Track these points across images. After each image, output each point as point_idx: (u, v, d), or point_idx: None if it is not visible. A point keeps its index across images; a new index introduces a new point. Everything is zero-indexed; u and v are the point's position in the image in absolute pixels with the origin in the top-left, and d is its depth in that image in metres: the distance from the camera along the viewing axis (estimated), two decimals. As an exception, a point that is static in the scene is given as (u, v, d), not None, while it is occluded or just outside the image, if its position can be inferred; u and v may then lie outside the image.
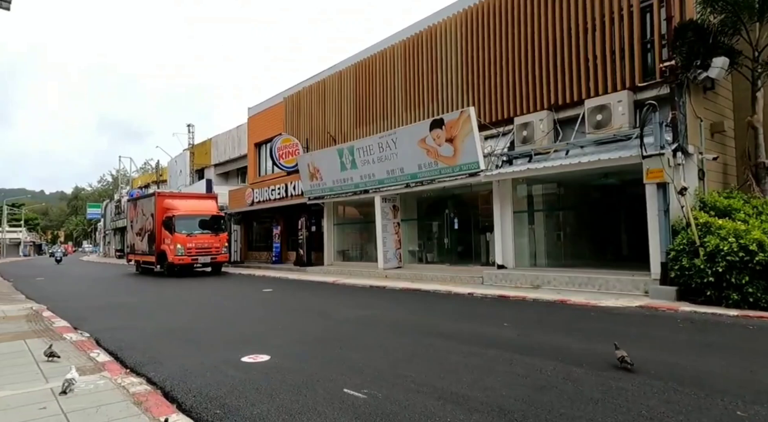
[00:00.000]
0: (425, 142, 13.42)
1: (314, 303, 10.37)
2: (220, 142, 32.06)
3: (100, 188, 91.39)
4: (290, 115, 22.38)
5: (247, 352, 5.54)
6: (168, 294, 12.79)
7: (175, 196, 21.16)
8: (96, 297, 12.68)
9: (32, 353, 5.59)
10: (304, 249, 19.79)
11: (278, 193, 21.43)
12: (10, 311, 9.42)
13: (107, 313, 9.34)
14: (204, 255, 19.24)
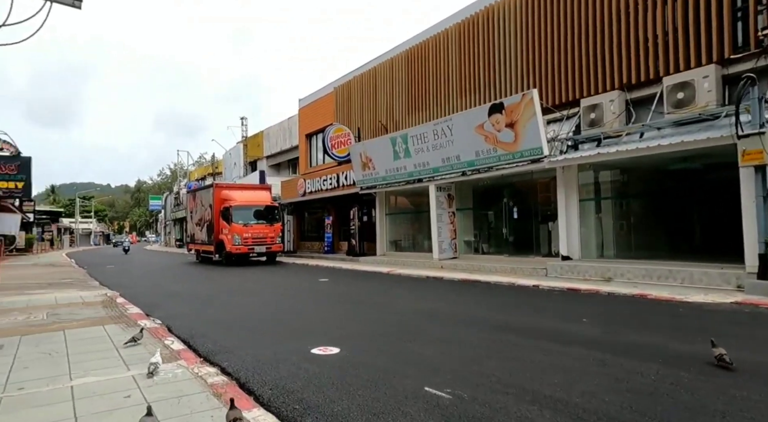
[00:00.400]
0: (483, 128, 12.88)
1: (373, 293, 10.22)
2: (272, 134, 32.66)
3: (160, 181, 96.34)
4: (341, 105, 22.33)
5: (315, 344, 5.43)
6: (229, 283, 13.10)
7: (232, 187, 21.73)
8: (162, 284, 13.20)
9: (111, 339, 5.75)
10: (356, 240, 19.78)
11: (330, 183, 21.51)
12: (87, 297, 9.91)
13: (175, 301, 9.62)
14: (260, 244, 19.65)
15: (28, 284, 12.97)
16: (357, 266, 16.84)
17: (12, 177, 33.77)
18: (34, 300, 9.46)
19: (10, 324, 6.84)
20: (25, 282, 13.40)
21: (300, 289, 11.37)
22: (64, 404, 3.51)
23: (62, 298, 9.75)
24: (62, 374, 4.26)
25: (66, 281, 14.04)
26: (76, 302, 9.10)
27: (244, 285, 12.43)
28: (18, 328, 6.50)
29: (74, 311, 7.98)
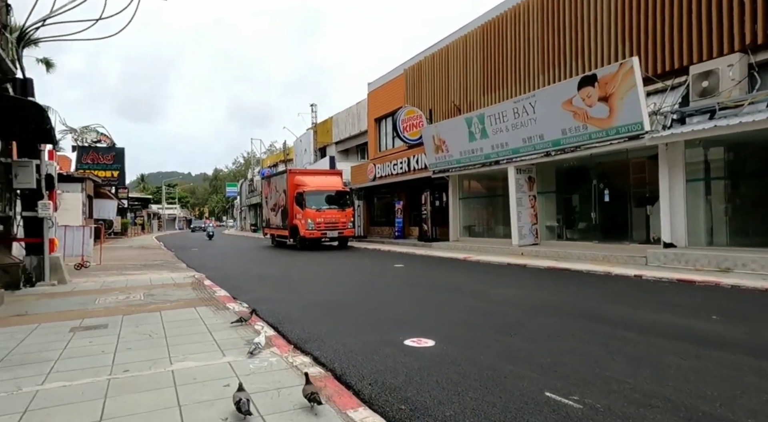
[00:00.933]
0: (572, 104, 11.81)
1: (454, 280, 9.76)
2: (341, 119, 32.84)
3: (235, 169, 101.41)
4: (411, 87, 21.77)
5: (406, 334, 5.10)
6: (305, 267, 13.23)
7: (305, 173, 22.07)
8: (243, 267, 13.62)
9: (204, 322, 5.79)
10: (428, 225, 19.35)
11: (400, 167, 21.16)
12: (177, 278, 10.36)
13: (257, 283, 9.78)
14: (332, 229, 19.82)
15: (126, 265, 13.93)
16: (430, 252, 16.43)
17: (109, 166, 36.99)
18: (131, 281, 10.03)
19: (113, 303, 7.20)
20: (123, 263, 14.42)
21: (377, 275, 11.17)
22: (167, 390, 3.43)
23: (156, 279, 10.27)
24: (162, 357, 4.26)
25: (157, 263, 14.94)
26: (168, 283, 9.52)
27: (321, 270, 12.48)
28: (119, 308, 6.79)
29: (167, 292, 8.29)
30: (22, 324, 5.82)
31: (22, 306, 7.03)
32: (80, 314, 6.39)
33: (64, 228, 12.79)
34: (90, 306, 7.05)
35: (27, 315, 6.44)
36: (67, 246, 12.66)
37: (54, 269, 9.84)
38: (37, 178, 9.56)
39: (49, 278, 9.70)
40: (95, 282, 10.02)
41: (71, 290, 8.82)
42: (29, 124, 7.56)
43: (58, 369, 3.95)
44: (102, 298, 7.71)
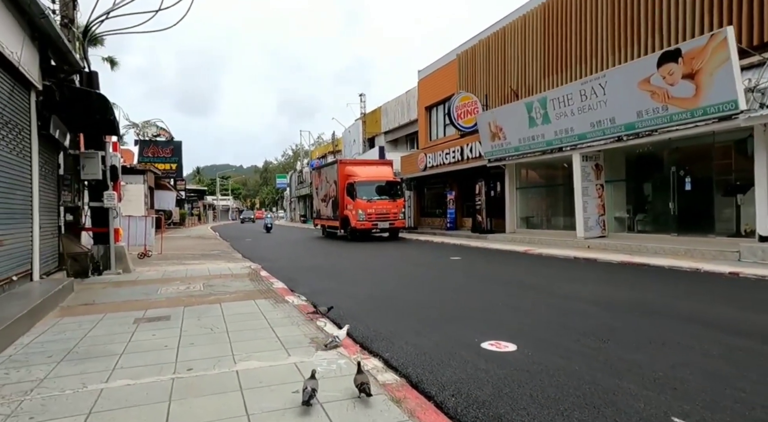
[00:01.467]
0: (650, 83, 10.73)
1: (519, 275, 9.13)
2: (389, 109, 32.40)
3: (284, 161, 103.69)
4: (464, 73, 20.95)
5: (480, 335, 4.63)
6: (359, 259, 12.98)
7: (355, 163, 21.86)
8: (296, 258, 13.56)
9: (264, 315, 5.57)
10: (482, 216, 18.61)
11: (453, 156, 20.48)
12: (234, 269, 10.37)
13: (313, 275, 9.59)
14: (383, 220, 19.51)
15: (185, 255, 14.25)
16: (486, 244, 15.74)
17: (168, 159, 38.56)
18: (191, 271, 10.13)
19: (174, 294, 7.19)
20: (182, 253, 14.78)
21: (434, 267, 10.71)
22: (233, 395, 3.16)
23: (214, 269, 10.33)
24: (226, 355, 4.02)
25: (214, 253, 15.22)
26: (226, 274, 9.51)
27: (375, 261, 12.17)
28: (181, 299, 6.74)
29: (226, 283, 8.24)
30: (89, 313, 5.84)
31: (90, 295, 7.15)
32: (144, 304, 6.37)
33: (128, 218, 13.21)
34: (153, 296, 7.06)
35: (94, 304, 6.50)
36: (131, 236, 13.07)
37: (119, 258, 10.11)
38: (103, 169, 9.80)
39: (114, 267, 9.96)
40: (157, 271, 10.20)
41: (135, 279, 8.98)
42: (94, 115, 7.65)
43: (123, 365, 3.79)
44: (164, 288, 7.74)
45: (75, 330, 4.96)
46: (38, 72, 7.20)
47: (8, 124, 6.21)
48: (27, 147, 6.98)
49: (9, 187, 6.20)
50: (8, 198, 6.19)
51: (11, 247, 6.23)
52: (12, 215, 6.31)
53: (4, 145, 6.05)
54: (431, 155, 22.48)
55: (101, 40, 37.15)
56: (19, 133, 6.66)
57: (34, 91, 7.18)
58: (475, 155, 18.83)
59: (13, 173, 6.37)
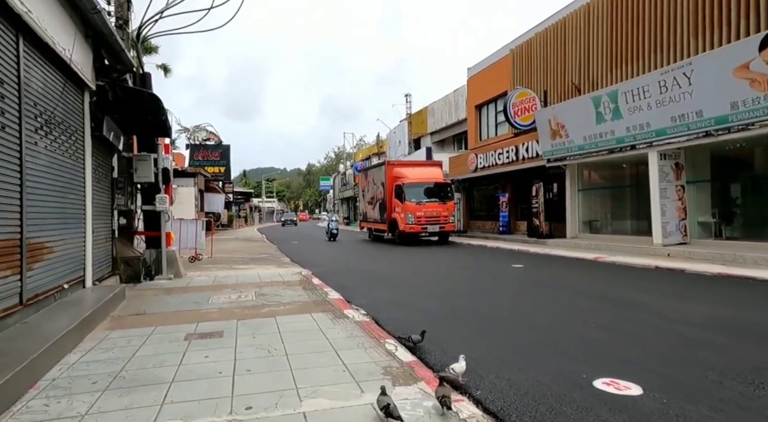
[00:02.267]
0: (749, 69, 9.42)
1: (601, 287, 8.12)
2: (436, 109, 31.56)
3: (326, 164, 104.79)
4: (519, 68, 19.83)
5: (589, 369, 3.81)
6: (412, 264, 12.28)
7: (403, 164, 21.20)
8: (346, 263, 13.02)
9: (324, 333, 4.98)
10: (540, 219, 17.45)
11: (506, 156, 19.41)
12: (285, 275, 9.93)
13: (367, 283, 8.98)
14: (433, 223, 18.72)
15: (234, 258, 14.06)
16: (546, 249, 14.63)
17: (217, 163, 39.47)
18: (241, 276, 9.78)
19: (225, 304, 6.76)
20: (232, 256, 14.61)
21: (497, 276, 9.84)
22: (304, 451, 2.53)
23: (264, 275, 9.93)
24: (288, 388, 3.42)
25: (263, 256, 14.97)
26: (277, 280, 9.06)
27: (431, 268, 11.43)
28: (233, 310, 6.28)
29: (278, 291, 7.76)
30: (139, 326, 5.46)
31: (141, 304, 6.84)
32: (195, 316, 5.95)
33: (179, 221, 13.13)
34: (204, 306, 6.65)
35: (145, 314, 6.15)
36: (182, 239, 12.98)
37: (170, 262, 9.89)
38: (155, 171, 9.60)
39: (166, 272, 9.75)
40: (208, 276, 9.92)
41: (186, 285, 8.69)
42: (146, 115, 7.37)
43: (173, 398, 3.26)
44: (215, 296, 7.35)
45: (123, 347, 4.54)
46: (92, 71, 6.97)
47: (60, 125, 5.96)
48: (80, 149, 6.76)
49: (62, 190, 5.94)
50: (61, 202, 5.93)
51: (63, 253, 5.96)
52: (64, 220, 6.06)
53: (56, 147, 5.79)
54: (482, 155, 21.48)
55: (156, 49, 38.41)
56: (72, 135, 6.43)
57: (88, 91, 6.97)
58: (532, 155, 17.71)
59: (66, 176, 6.12)
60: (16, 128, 4.65)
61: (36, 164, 5.12)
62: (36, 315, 4.95)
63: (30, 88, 5.00)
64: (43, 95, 5.35)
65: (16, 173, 4.64)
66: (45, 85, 5.41)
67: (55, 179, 5.70)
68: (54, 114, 5.68)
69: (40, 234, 5.20)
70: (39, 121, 5.25)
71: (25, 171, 4.77)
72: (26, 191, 4.80)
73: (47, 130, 5.49)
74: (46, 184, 5.43)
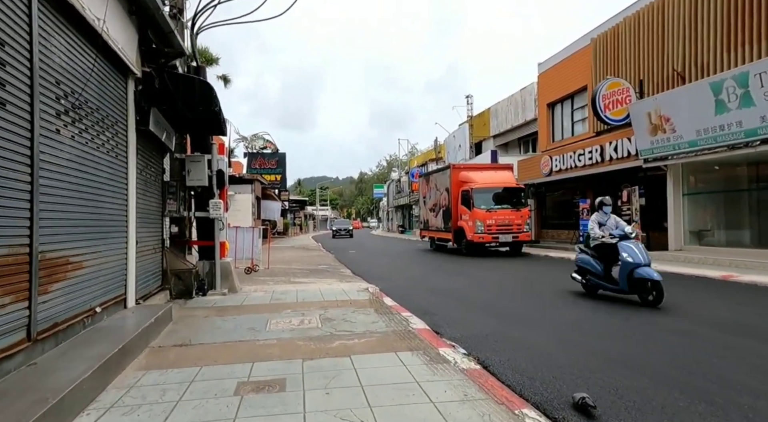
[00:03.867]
0: None
1: (764, 322, 6.09)
2: (500, 110, 29.57)
3: (378, 172, 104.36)
4: (602, 58, 17.64)
5: None
6: (494, 280, 10.58)
7: (471, 168, 19.49)
8: (416, 276, 11.53)
9: (424, 390, 3.50)
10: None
11: (589, 157, 17.23)
12: (350, 291, 8.60)
13: (451, 305, 7.43)
14: (505, 233, 16.87)
15: (292, 269, 12.98)
16: (648, 265, 12.35)
17: (273, 171, 39.55)
18: (302, 292, 8.56)
19: (286, 331, 5.47)
20: (290, 267, 13.56)
21: (611, 304, 7.94)
22: None
23: (327, 291, 8.66)
24: None
25: (321, 267, 13.81)
26: (342, 299, 7.73)
27: (518, 285, 9.69)
28: (296, 343, 4.97)
29: (347, 314, 6.41)
30: (181, 364, 4.25)
31: (189, 329, 5.70)
32: (250, 351, 4.68)
33: (235, 229, 12.25)
34: (261, 334, 5.40)
35: (190, 345, 4.96)
36: (238, 249, 12.07)
37: (225, 276, 8.86)
38: (209, 174, 8.64)
39: (220, 286, 8.72)
40: (265, 292, 8.78)
41: (241, 303, 7.55)
42: (197, 106, 6.30)
43: None
44: (274, 320, 6.10)
45: (153, 405, 3.29)
46: (137, 55, 6.00)
47: (95, 113, 4.93)
48: (122, 144, 5.76)
49: (95, 192, 4.90)
50: (94, 206, 4.89)
51: (96, 270, 4.91)
52: (99, 228, 5.01)
53: (88, 139, 4.76)
54: (558, 158, 19.35)
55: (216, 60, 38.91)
56: (111, 127, 5.42)
57: (132, 77, 5.99)
58: (622, 155, 15.49)
59: (102, 175, 5.09)
60: (26, 107, 3.58)
61: (56, 157, 4.06)
62: (51, 352, 3.85)
63: (49, 59, 3.95)
64: (69, 72, 4.32)
65: (24, 167, 3.55)
66: (72, 60, 4.38)
67: (85, 178, 4.65)
68: (85, 98, 4.65)
69: (61, 247, 4.12)
70: (63, 104, 4.20)
71: (38, 164, 3.68)
72: (40, 191, 3.72)
73: (75, 117, 4.45)
74: (72, 184, 4.38)
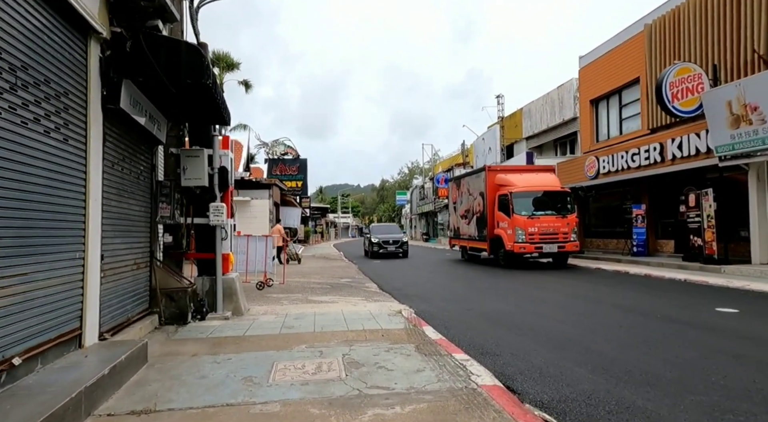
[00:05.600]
0: None
1: None
2: (533, 110, 27.61)
3: (399, 179, 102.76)
4: (659, 45, 15.63)
5: None
6: (548, 301, 8.74)
7: (509, 170, 17.62)
8: (456, 294, 9.77)
9: None
10: (702, 238, 13.02)
11: (645, 157, 15.22)
12: (380, 316, 6.93)
13: (509, 337, 5.67)
14: (549, 242, 14.94)
15: (311, 284, 11.39)
16: (735, 281, 10.31)
17: (294, 177, 38.42)
18: (320, 317, 6.93)
19: (296, 390, 3.82)
20: (308, 282, 11.98)
21: (703, 327, 6.03)
22: None
23: (352, 316, 7.01)
24: None
25: (344, 281, 12.20)
26: (373, 330, 6.06)
27: (588, 307, 7.80)
28: (309, 414, 3.30)
29: (379, 356, 4.73)
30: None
31: (164, 377, 4.11)
32: (238, 431, 3.05)
33: (246, 238, 10.75)
34: (260, 391, 3.77)
35: (153, 413, 3.36)
36: (249, 261, 10.56)
37: (228, 295, 7.32)
38: (210, 172, 7.14)
39: (222, 308, 7.17)
40: (276, 315, 7.20)
41: (243, 333, 5.97)
42: (184, 78, 4.77)
43: None
44: (281, 364, 4.49)
45: None
46: (102, 7, 4.51)
47: (33, 83, 3.43)
48: (78, 126, 4.26)
49: (26, 192, 3.38)
50: (23, 212, 3.37)
51: (20, 301, 3.37)
52: (27, 242, 3.48)
53: (15, 116, 3.24)
54: (606, 158, 17.36)
55: (237, 64, 37.77)
56: (58, 100, 3.91)
57: (96, 39, 4.50)
58: (688, 153, 13.45)
59: (40, 169, 3.57)
60: None
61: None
62: None
63: None
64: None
65: None
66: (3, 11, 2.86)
67: (7, 170, 3.12)
68: (26, 65, 3.13)
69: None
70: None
71: None
72: None
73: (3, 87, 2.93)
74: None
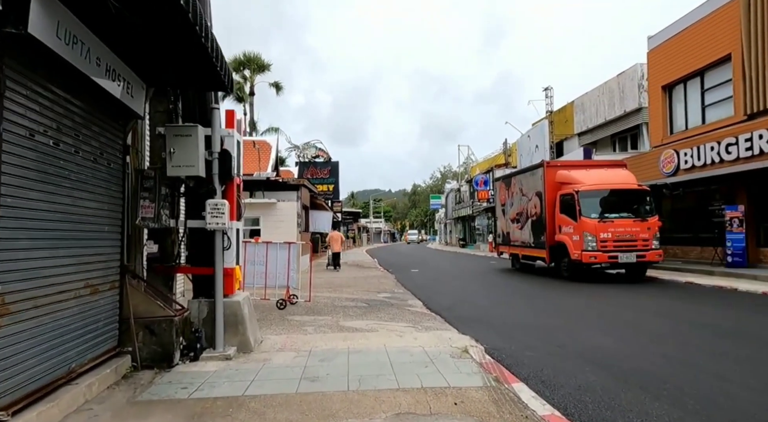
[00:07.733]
0: None
1: None
2: (587, 103, 24.92)
3: (431, 183, 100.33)
4: (763, 13, 12.92)
5: None
6: (664, 333, 6.38)
7: (572, 166, 15.17)
8: (526, 320, 7.49)
9: None
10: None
11: (747, 148, 12.55)
12: (438, 359, 4.83)
13: (649, 403, 3.44)
14: (626, 250, 12.42)
15: (342, 302, 9.39)
16: None
17: (325, 180, 36.98)
18: (356, 358, 4.90)
19: None
20: (339, 298, 9.98)
21: None
22: None
23: (398, 356, 4.95)
24: None
25: (381, 297, 10.16)
26: (434, 387, 3.98)
27: (721, 344, 5.42)
28: None
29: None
30: None
31: None
32: None
33: (265, 246, 8.86)
34: None
35: None
36: (269, 274, 8.65)
37: (232, 324, 5.37)
38: (207, 157, 5.24)
39: (223, 343, 5.24)
40: (296, 353, 5.22)
41: (242, 393, 3.99)
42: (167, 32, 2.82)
43: None
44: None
45: None
46: None
47: None
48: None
49: None
50: None
51: None
52: None
53: None
54: (688, 151, 14.70)
55: (268, 66, 36.17)
56: None
57: None
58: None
59: None
60: None
61: None
62: None
63: None
64: None
65: None
66: None
67: None
68: None
69: None
70: None
71: None
72: None
73: None
74: None
